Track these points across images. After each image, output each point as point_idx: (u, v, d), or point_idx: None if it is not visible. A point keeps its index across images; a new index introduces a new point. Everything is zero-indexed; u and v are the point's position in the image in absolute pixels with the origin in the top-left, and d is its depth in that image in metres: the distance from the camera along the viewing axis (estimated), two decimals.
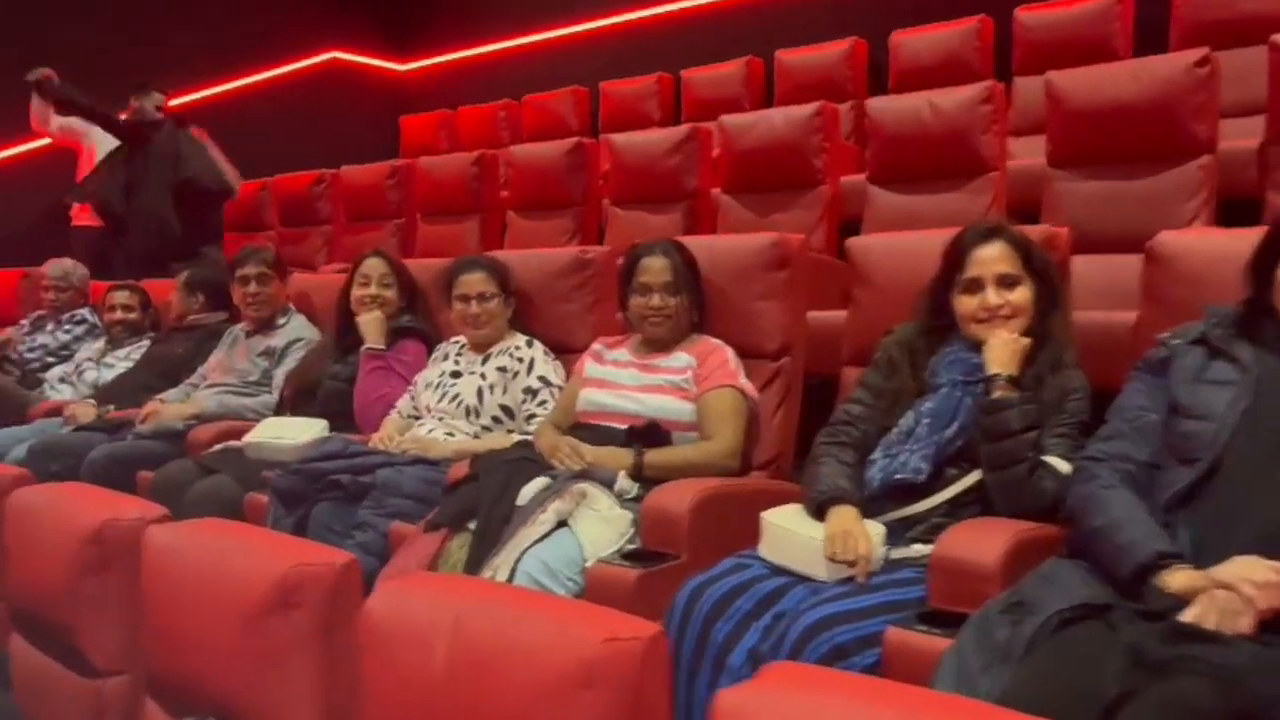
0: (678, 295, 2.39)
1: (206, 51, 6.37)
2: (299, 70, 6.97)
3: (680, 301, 2.39)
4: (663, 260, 2.40)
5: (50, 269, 4.54)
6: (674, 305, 2.39)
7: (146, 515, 1.90)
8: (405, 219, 5.17)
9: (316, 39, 7.10)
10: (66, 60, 5.49)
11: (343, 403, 3.02)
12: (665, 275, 2.39)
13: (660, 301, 2.38)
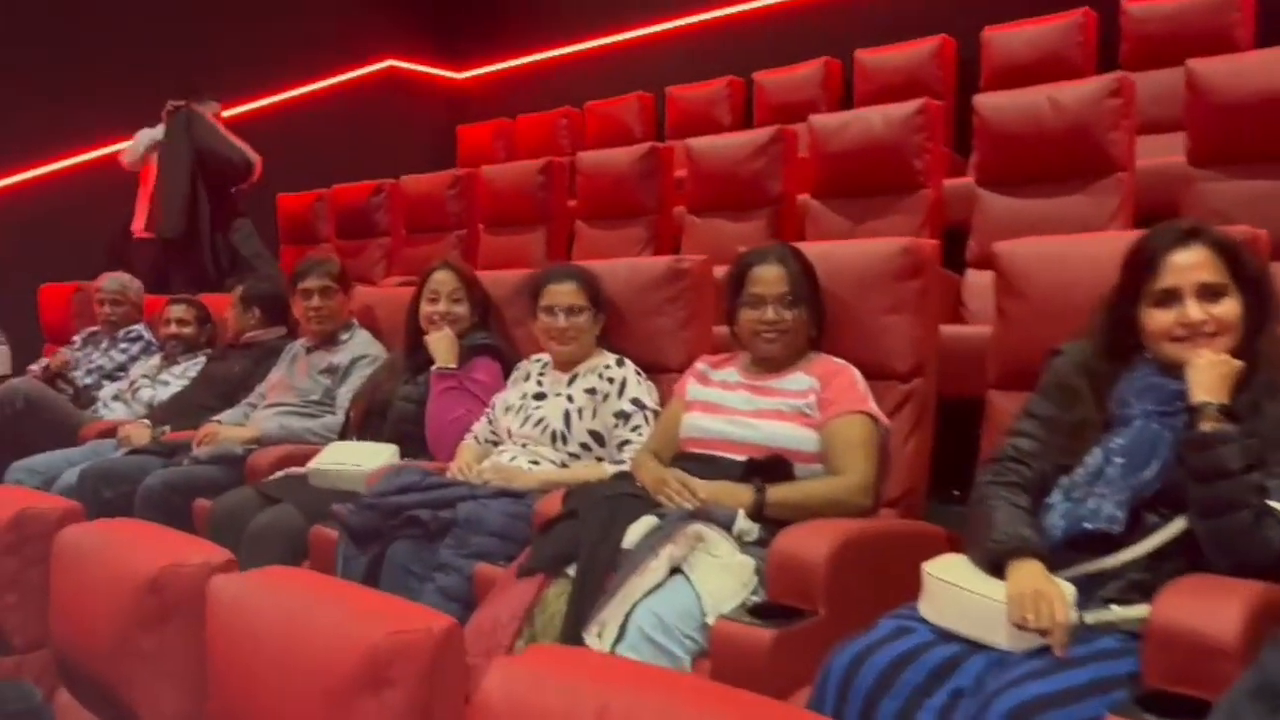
0: (795, 308, 2.12)
1: (262, 61, 6.23)
2: (355, 79, 6.81)
3: (798, 315, 2.12)
4: (778, 269, 2.13)
5: (106, 282, 4.38)
6: (790, 319, 2.12)
7: (210, 560, 1.67)
8: (467, 230, 4.95)
9: (373, 47, 6.94)
10: (122, 71, 5.38)
11: (414, 426, 2.79)
12: (781, 285, 2.12)
13: (775, 315, 2.11)
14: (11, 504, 2.05)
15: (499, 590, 1.92)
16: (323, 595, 1.44)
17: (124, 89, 5.41)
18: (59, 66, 5.27)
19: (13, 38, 5.15)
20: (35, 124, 5.24)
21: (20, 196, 5.24)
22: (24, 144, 5.22)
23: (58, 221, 5.15)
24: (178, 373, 3.96)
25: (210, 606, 1.51)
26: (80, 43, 5.38)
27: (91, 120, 5.39)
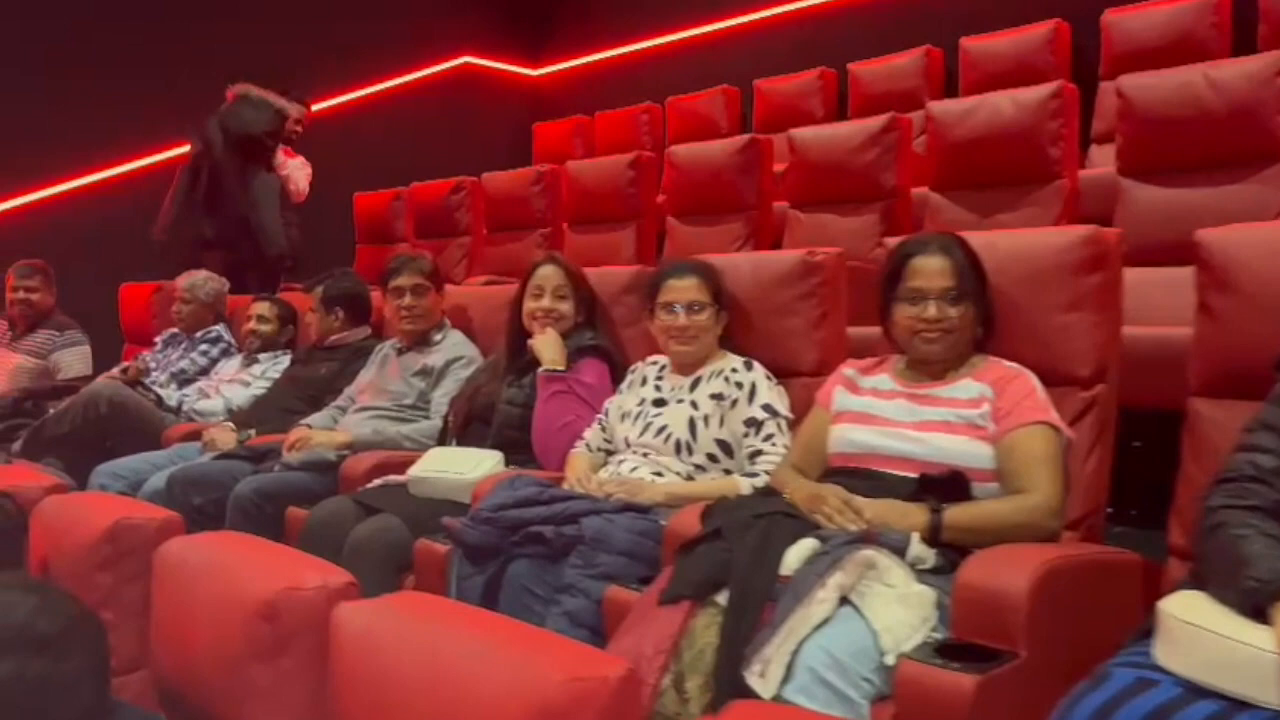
0: (960, 304, 1.89)
1: (339, 59, 6.14)
2: (431, 77, 6.70)
3: (963, 313, 1.89)
4: (941, 260, 1.90)
5: (181, 281, 4.29)
6: (955, 317, 1.89)
7: (329, 582, 1.49)
8: (551, 228, 4.78)
9: (449, 44, 6.82)
10: (203, 70, 5.31)
11: (518, 432, 2.61)
12: (944, 279, 1.89)
13: (938, 312, 1.88)
14: (107, 514, 1.90)
15: (637, 618, 1.72)
16: (470, 629, 1.24)
17: (205, 88, 5.33)
18: (141, 66, 5.23)
19: (95, 37, 5.10)
20: (118, 123, 5.19)
21: (102, 195, 5.20)
22: (107, 142, 5.18)
23: (139, 221, 5.07)
24: (258, 373, 3.84)
25: (335, 637, 1.33)
26: (161, 41, 5.32)
27: (173, 119, 5.32)
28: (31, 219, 4.98)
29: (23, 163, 4.95)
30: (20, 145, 4.91)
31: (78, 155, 5.12)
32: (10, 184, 4.94)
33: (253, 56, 5.38)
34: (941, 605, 1.60)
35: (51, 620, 1.35)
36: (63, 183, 5.12)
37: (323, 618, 1.47)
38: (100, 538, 1.85)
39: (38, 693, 1.31)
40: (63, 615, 1.37)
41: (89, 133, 5.10)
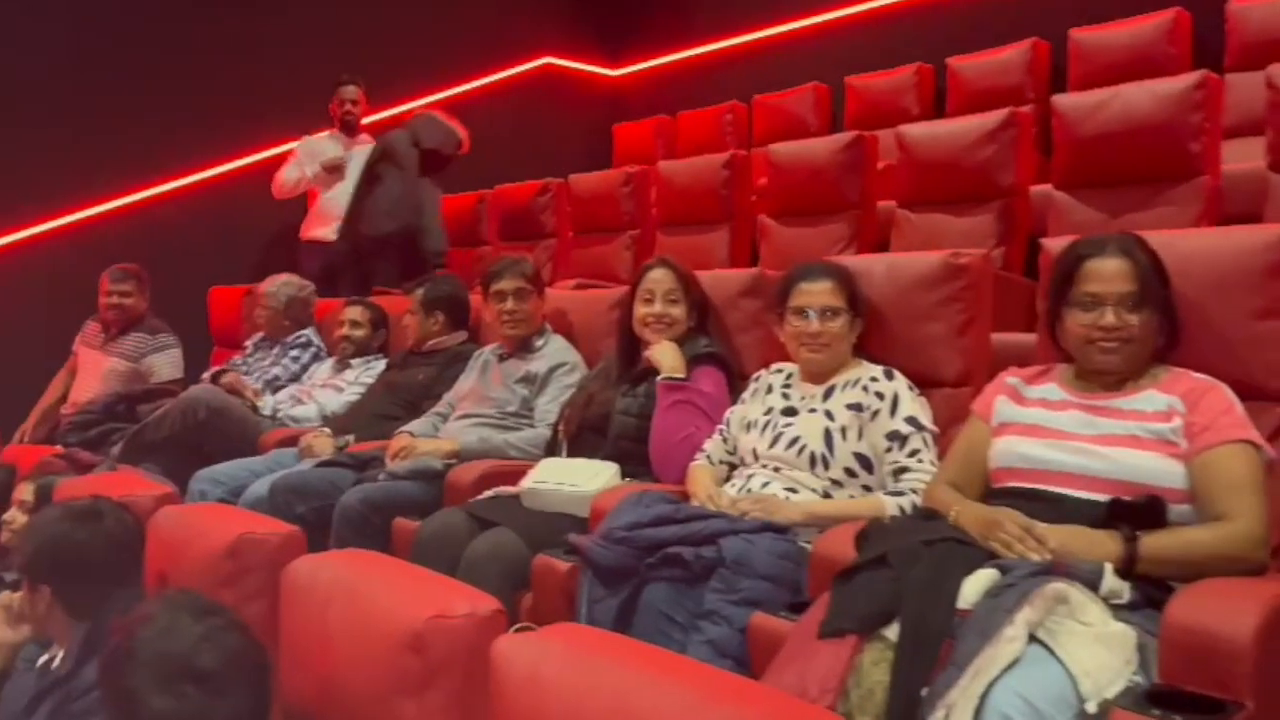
0: (1141, 311, 1.73)
1: (420, 60, 6.11)
2: (511, 78, 6.63)
3: (1145, 320, 1.73)
4: (1120, 262, 1.74)
5: (266, 285, 4.25)
6: (1137, 325, 1.72)
7: (477, 611, 1.39)
8: (641, 230, 4.67)
9: (530, 45, 6.75)
10: (285, 72, 5.31)
11: (634, 443, 2.49)
12: (1125, 283, 1.73)
13: (1116, 320, 1.72)
14: (228, 528, 1.82)
15: (795, 652, 1.58)
16: (648, 668, 1.12)
17: (287, 91, 5.34)
18: (227, 71, 5.23)
19: (181, 45, 5.12)
20: (210, 127, 5.20)
21: (192, 199, 5.21)
22: (195, 147, 5.19)
23: (228, 224, 5.08)
24: (351, 378, 3.78)
25: (498, 674, 1.22)
26: (248, 45, 5.32)
27: (259, 123, 5.33)
28: (124, 223, 5.00)
29: (117, 167, 4.97)
30: (114, 150, 4.93)
31: (170, 159, 5.14)
32: (104, 188, 4.96)
33: (342, 58, 5.37)
34: (1143, 646, 1.44)
35: (215, 653, 1.27)
36: (155, 186, 5.14)
37: (472, 649, 1.36)
38: (222, 553, 1.77)
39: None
40: (228, 649, 1.29)
41: (180, 137, 5.12)
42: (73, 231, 4.89)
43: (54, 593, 1.71)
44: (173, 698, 1.23)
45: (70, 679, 1.66)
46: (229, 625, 1.34)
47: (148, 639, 1.27)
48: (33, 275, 4.69)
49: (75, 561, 1.74)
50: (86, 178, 4.88)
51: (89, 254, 4.47)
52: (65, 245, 4.82)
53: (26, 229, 4.79)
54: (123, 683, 1.25)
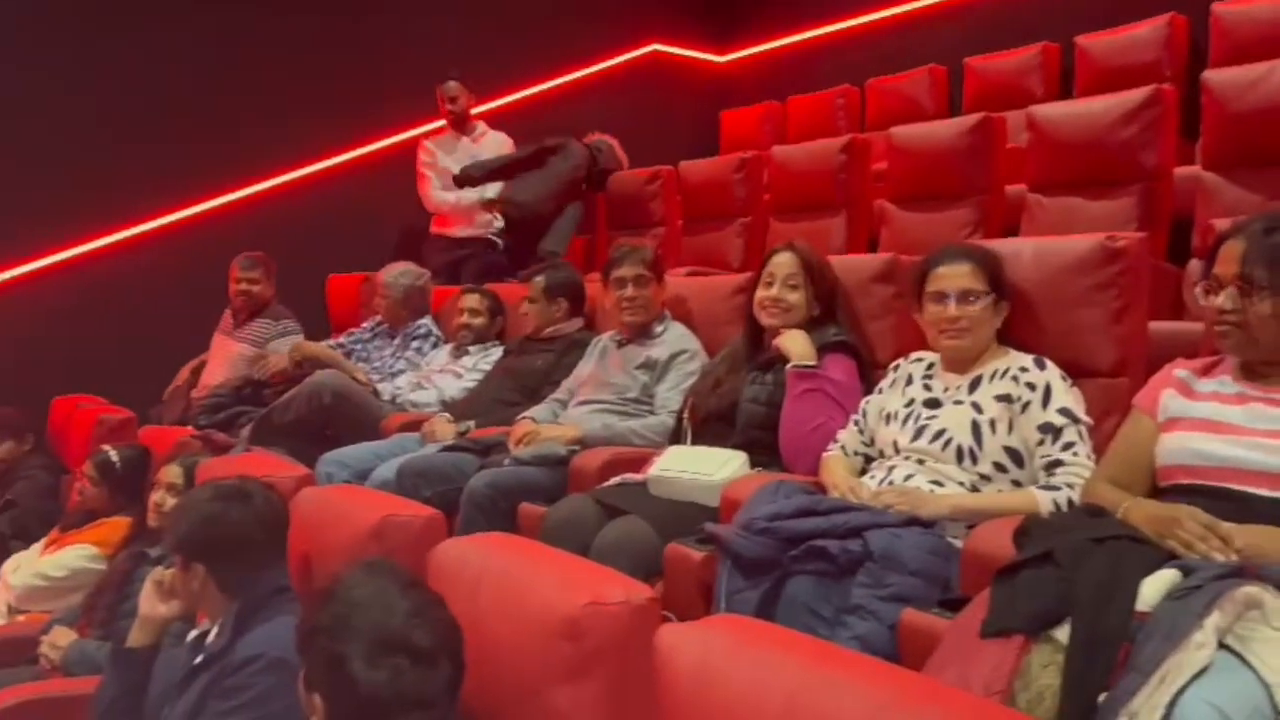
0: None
1: (527, 50, 6.14)
2: (619, 66, 6.61)
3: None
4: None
5: (384, 274, 4.31)
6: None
7: (632, 599, 1.36)
8: (752, 217, 4.59)
9: (638, 32, 6.73)
10: (391, 66, 5.40)
11: (762, 431, 2.44)
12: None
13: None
14: (371, 510, 1.83)
15: (955, 651, 1.51)
16: (829, 666, 1.07)
17: (402, 81, 5.43)
18: (344, 64, 5.35)
19: (301, 40, 5.24)
20: (326, 120, 5.32)
21: (312, 187, 5.34)
22: (315, 136, 5.31)
23: (347, 212, 5.20)
24: (469, 365, 3.81)
25: (662, 664, 1.19)
26: (360, 40, 5.43)
27: (375, 113, 5.43)
28: (251, 212, 5.16)
29: (246, 158, 5.13)
30: (242, 142, 5.09)
31: (293, 150, 5.28)
32: (232, 178, 5.13)
33: (453, 48, 5.44)
34: None
35: (427, 630, 1.29)
36: (278, 176, 5.29)
37: (628, 637, 1.34)
38: (367, 534, 1.78)
39: (407, 701, 1.25)
40: (438, 624, 1.31)
41: (303, 129, 5.25)
42: (204, 221, 5.06)
43: (208, 571, 1.75)
44: (387, 670, 1.24)
45: (223, 655, 1.69)
46: (433, 599, 1.35)
47: (360, 609, 1.28)
48: (169, 262, 4.88)
49: (228, 540, 1.78)
50: (218, 169, 5.05)
51: (219, 243, 4.61)
52: (198, 234, 5.00)
53: (163, 217, 4.98)
54: (333, 649, 1.25)
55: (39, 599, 2.99)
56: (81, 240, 4.80)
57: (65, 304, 4.67)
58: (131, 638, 1.91)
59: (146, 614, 1.91)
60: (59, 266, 4.76)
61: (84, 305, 4.69)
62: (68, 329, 4.63)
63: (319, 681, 1.29)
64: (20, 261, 4.68)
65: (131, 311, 4.65)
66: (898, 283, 2.55)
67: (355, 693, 1.24)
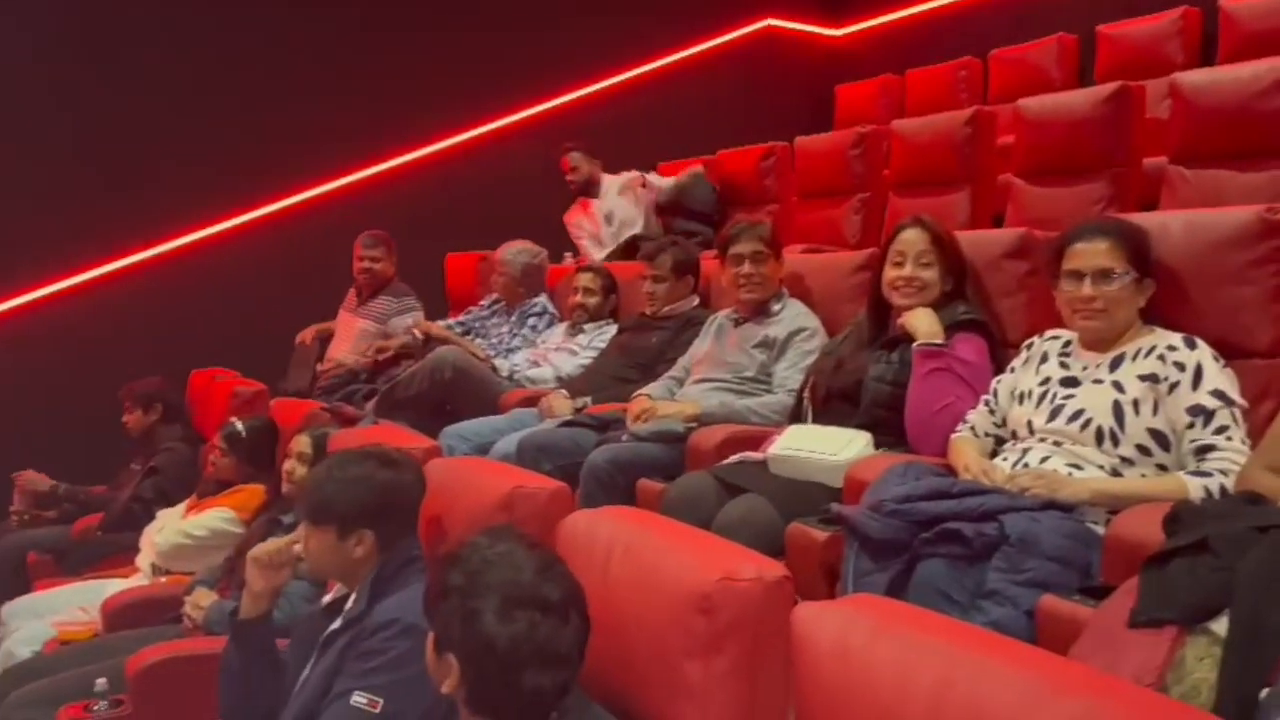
0: None
1: (641, 27, 6.12)
2: (733, 41, 6.54)
3: None
4: None
5: (502, 253, 4.37)
6: None
7: (764, 575, 1.34)
8: (871, 193, 4.49)
9: (752, 7, 6.64)
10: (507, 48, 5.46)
11: (887, 411, 2.39)
12: None
13: None
14: (499, 481, 1.86)
15: (1101, 640, 1.46)
16: (980, 651, 1.04)
17: (518, 64, 5.49)
18: (461, 49, 5.45)
19: (424, 18, 5.34)
20: (446, 99, 5.43)
21: (432, 168, 5.46)
22: (435, 118, 5.43)
23: (466, 192, 5.29)
24: (584, 342, 3.84)
25: (800, 642, 1.17)
26: (476, 25, 5.51)
27: (496, 92, 5.52)
28: (372, 193, 5.31)
29: (369, 141, 5.27)
30: (365, 125, 5.24)
31: (414, 131, 5.41)
32: (357, 160, 5.28)
33: (568, 27, 5.47)
34: None
35: (555, 584, 1.32)
36: (400, 156, 5.42)
37: (761, 613, 1.32)
38: (495, 505, 1.81)
39: (541, 654, 1.27)
40: (565, 579, 1.34)
41: (424, 110, 5.37)
42: (330, 202, 5.25)
43: (376, 536, 1.79)
44: (521, 624, 1.27)
45: (360, 619, 1.74)
46: (556, 558, 1.38)
47: (490, 567, 1.31)
48: (298, 242, 5.07)
49: (396, 507, 1.83)
50: (344, 152, 5.23)
51: (344, 223, 4.76)
52: (324, 215, 5.19)
53: (292, 197, 5.18)
54: (466, 607, 1.28)
55: (182, 558, 3.14)
56: (217, 220, 5.04)
57: (203, 282, 4.91)
58: (243, 610, 1.97)
59: (254, 588, 1.95)
60: (198, 246, 5.01)
61: (220, 283, 4.92)
62: (206, 305, 4.86)
63: (452, 641, 1.31)
64: (162, 240, 4.93)
65: (263, 289, 4.84)
66: (1031, 259, 2.46)
67: (491, 647, 1.27)
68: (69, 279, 4.79)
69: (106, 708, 2.37)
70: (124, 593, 3.05)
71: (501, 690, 1.28)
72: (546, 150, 5.21)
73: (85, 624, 2.96)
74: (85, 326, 4.71)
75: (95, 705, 2.37)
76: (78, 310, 4.77)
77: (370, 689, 1.66)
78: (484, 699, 1.30)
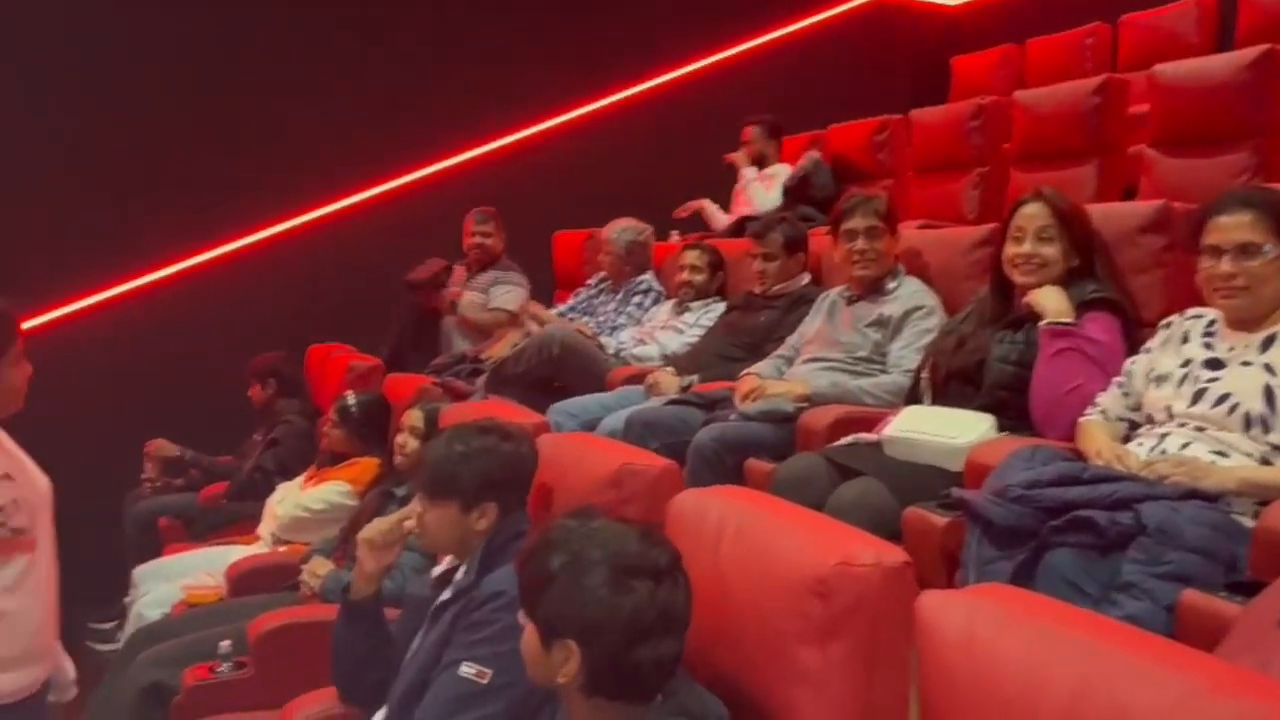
0: None
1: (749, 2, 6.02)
2: (846, 13, 6.38)
3: None
4: None
5: (609, 231, 4.35)
6: None
7: (883, 560, 1.29)
8: (991, 167, 4.31)
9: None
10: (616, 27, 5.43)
11: (1011, 393, 2.28)
12: None
13: None
14: (609, 458, 1.84)
15: (1249, 640, 1.35)
16: (1126, 648, 0.96)
17: (628, 41, 5.47)
18: (569, 28, 5.46)
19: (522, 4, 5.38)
20: (555, 76, 5.46)
21: (539, 147, 5.50)
22: (542, 97, 5.45)
23: (572, 170, 5.30)
24: (691, 320, 3.81)
25: (925, 631, 1.11)
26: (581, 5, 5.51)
27: (603, 71, 5.52)
28: (480, 172, 5.38)
29: (479, 120, 5.35)
30: (475, 105, 5.32)
31: (523, 111, 5.45)
32: (465, 139, 5.35)
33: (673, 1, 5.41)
34: None
35: (661, 548, 1.31)
36: (503, 137, 5.47)
37: (880, 599, 1.27)
38: (605, 481, 1.80)
39: (663, 620, 1.27)
40: (666, 543, 1.33)
41: (533, 89, 5.41)
42: (441, 180, 5.35)
43: (500, 508, 1.80)
44: (640, 592, 1.26)
45: (471, 590, 1.75)
46: (651, 528, 1.37)
47: (592, 543, 1.30)
48: (410, 219, 5.18)
49: (515, 478, 1.84)
50: (454, 132, 5.32)
51: (454, 201, 4.83)
52: (435, 193, 5.28)
53: (404, 177, 5.30)
54: (576, 586, 1.27)
55: (299, 530, 3.25)
56: (337, 199, 5.18)
57: (320, 259, 5.06)
58: (354, 589, 2.00)
59: (365, 568, 1.97)
60: (319, 224, 5.17)
61: (339, 260, 5.06)
62: (323, 282, 5.01)
63: (568, 626, 1.28)
64: (282, 219, 5.10)
65: (379, 264, 4.95)
66: (1169, 233, 2.32)
67: (614, 620, 1.25)
68: (199, 256, 4.99)
69: (230, 669, 2.46)
70: (247, 559, 3.17)
71: (626, 664, 1.26)
72: (660, 126, 5.19)
73: (211, 588, 3.09)
74: (214, 303, 4.90)
75: (219, 666, 2.46)
76: (207, 287, 4.97)
77: (478, 660, 1.67)
78: (607, 677, 1.28)
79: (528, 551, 1.37)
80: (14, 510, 1.81)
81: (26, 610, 1.82)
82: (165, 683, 2.53)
